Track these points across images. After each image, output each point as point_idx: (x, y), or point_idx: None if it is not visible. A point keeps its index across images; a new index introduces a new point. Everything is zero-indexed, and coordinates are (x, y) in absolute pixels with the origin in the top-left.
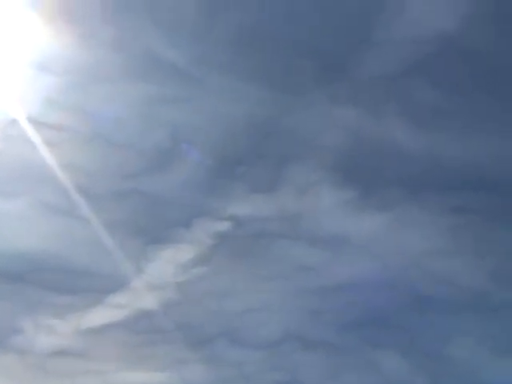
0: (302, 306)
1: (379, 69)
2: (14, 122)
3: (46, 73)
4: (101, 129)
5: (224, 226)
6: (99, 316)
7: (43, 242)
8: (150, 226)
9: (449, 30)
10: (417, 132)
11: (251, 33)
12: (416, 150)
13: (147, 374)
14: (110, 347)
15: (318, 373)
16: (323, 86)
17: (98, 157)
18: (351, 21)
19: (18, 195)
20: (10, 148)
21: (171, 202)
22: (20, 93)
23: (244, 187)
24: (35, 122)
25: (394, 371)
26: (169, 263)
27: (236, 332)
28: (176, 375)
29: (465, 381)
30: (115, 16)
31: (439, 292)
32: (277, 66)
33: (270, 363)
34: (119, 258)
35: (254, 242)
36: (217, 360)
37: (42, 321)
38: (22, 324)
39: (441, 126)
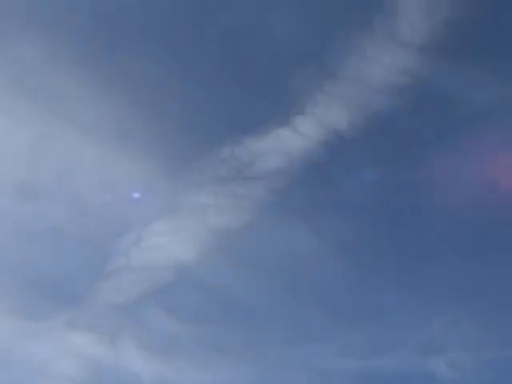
0: None
1: (116, 296)
2: None
3: None
4: None
5: None
6: None
7: None
8: None
9: (184, 259)
10: (152, 360)
11: None
12: (151, 377)
13: None
14: None
15: None
16: (58, 312)
17: None
18: (84, 251)
19: None
20: None
21: None
22: None
23: None
24: None
25: None
26: None
27: None
28: None
29: None
30: None
31: None
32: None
33: None
34: None
35: None
36: None
37: None
38: None
39: (175, 354)
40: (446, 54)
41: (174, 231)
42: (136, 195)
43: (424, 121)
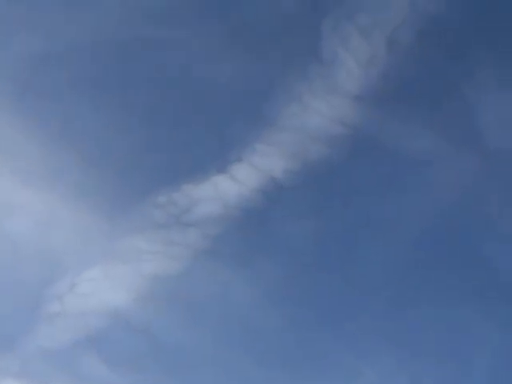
0: None
1: (48, 342)
2: None
3: None
4: None
5: None
6: None
7: None
8: None
9: (120, 306)
10: None
11: None
12: None
13: None
14: None
15: None
16: None
17: None
18: (16, 296)
19: None
20: None
21: None
22: None
23: None
24: None
25: None
26: None
27: None
28: None
29: None
30: None
31: None
32: None
33: None
34: None
35: None
36: None
37: None
38: None
39: None
40: (384, 104)
41: (110, 277)
42: (71, 240)
43: (361, 170)
